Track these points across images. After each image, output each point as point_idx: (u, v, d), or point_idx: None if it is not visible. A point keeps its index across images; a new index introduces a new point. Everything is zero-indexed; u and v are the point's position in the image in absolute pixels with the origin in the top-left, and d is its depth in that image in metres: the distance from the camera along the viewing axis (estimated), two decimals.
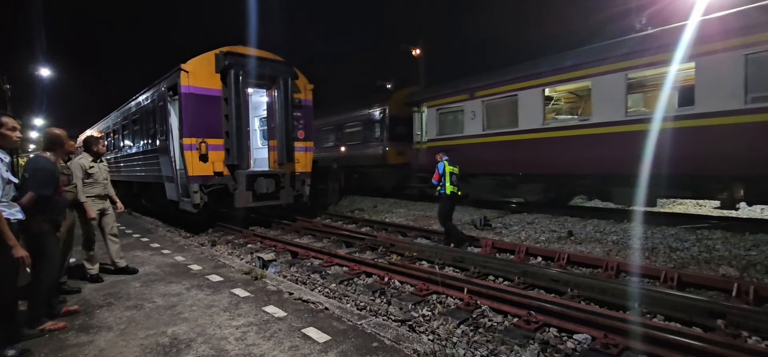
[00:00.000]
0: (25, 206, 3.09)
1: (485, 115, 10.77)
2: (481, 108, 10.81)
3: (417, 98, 13.37)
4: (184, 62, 8.50)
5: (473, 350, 3.27)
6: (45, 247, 3.38)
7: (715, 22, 7.02)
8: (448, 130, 11.96)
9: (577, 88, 9.66)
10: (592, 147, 8.45)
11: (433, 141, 12.20)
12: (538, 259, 5.86)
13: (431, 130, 12.39)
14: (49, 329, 3.33)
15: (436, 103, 12.25)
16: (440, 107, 12.16)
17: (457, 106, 11.59)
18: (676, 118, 7.36)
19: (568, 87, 9.65)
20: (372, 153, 15.01)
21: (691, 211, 9.82)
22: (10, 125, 2.97)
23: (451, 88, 11.86)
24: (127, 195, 14.06)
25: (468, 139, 11.19)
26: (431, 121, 12.40)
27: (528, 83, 9.63)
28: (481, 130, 10.81)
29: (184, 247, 6.69)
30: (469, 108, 11.13)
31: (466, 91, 11.20)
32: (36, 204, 3.25)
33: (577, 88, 9.77)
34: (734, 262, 5.30)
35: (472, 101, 11.03)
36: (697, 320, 3.61)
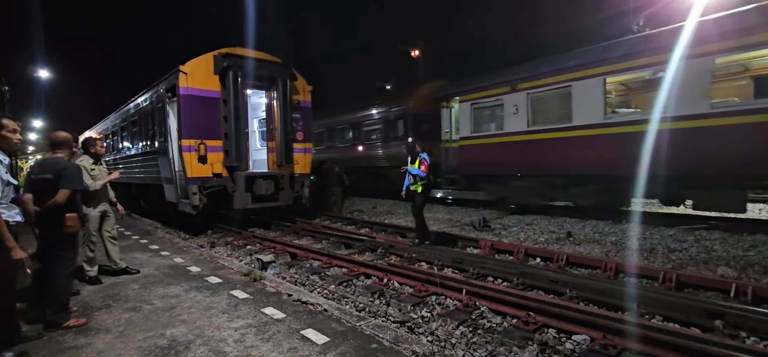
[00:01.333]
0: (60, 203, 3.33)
1: (530, 110, 9.53)
2: (525, 102, 9.58)
3: (446, 92, 12.22)
4: (183, 64, 8.50)
5: (472, 351, 3.27)
6: (74, 243, 3.55)
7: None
8: (484, 126, 10.75)
9: (647, 77, 8.21)
10: (669, 144, 7.22)
11: (466, 139, 11.05)
12: (536, 260, 5.87)
13: (464, 127, 11.13)
14: (73, 326, 3.41)
15: (471, 98, 10.97)
16: (475, 102, 10.87)
17: (495, 100, 10.33)
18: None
19: (636, 76, 8.31)
20: (394, 152, 13.77)
21: (690, 212, 9.83)
22: (10, 127, 2.98)
23: (488, 81, 10.69)
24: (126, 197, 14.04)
25: (509, 136, 9.92)
26: (464, 117, 11.15)
27: (585, 72, 8.46)
28: (525, 127, 9.57)
29: (183, 249, 6.68)
30: (510, 102, 9.88)
31: (507, 83, 9.98)
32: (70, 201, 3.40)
33: (647, 78, 8.29)
34: (732, 263, 5.31)
35: (515, 94, 9.78)
36: (695, 321, 3.61)
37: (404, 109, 13.61)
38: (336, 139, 16.91)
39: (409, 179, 6.82)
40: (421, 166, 6.64)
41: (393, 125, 14.03)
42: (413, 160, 6.79)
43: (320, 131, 17.35)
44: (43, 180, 3.44)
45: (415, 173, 6.69)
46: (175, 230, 9.64)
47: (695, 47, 6.99)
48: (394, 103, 14.24)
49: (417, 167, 6.66)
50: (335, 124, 16.99)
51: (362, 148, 15.45)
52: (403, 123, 13.56)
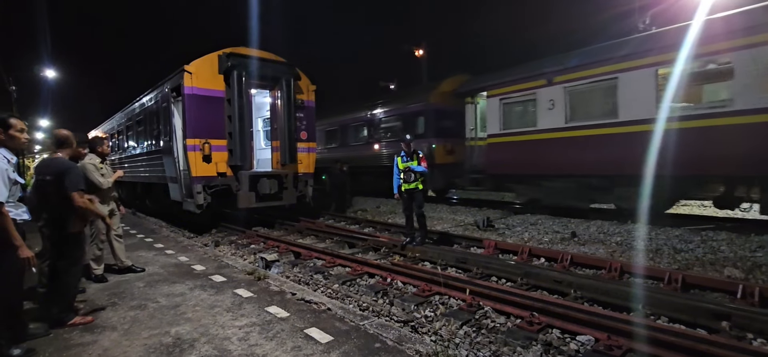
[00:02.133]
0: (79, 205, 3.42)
1: (568, 105, 8.85)
2: (562, 96, 8.88)
3: (471, 87, 11.50)
4: (188, 63, 8.54)
5: (476, 351, 3.27)
6: (81, 242, 3.59)
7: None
8: (515, 123, 10.02)
9: (708, 68, 7.38)
10: (735, 140, 6.64)
11: (495, 137, 10.33)
12: (541, 260, 5.84)
13: (493, 123, 10.42)
14: (79, 323, 3.44)
15: (500, 92, 10.21)
16: (505, 97, 10.13)
17: (528, 95, 9.60)
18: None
19: (695, 66, 7.34)
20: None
21: (696, 212, 9.76)
22: (18, 127, 3.01)
23: (520, 74, 9.92)
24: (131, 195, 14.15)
25: (543, 133, 9.25)
26: (493, 113, 10.41)
27: (635, 63, 7.75)
28: (562, 123, 8.90)
29: (188, 248, 6.72)
30: (545, 96, 9.19)
31: (542, 76, 9.26)
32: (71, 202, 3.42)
33: (707, 68, 7.43)
34: (739, 264, 5.26)
35: (550, 88, 9.07)
36: (701, 322, 3.59)
37: (425, 106, 12.79)
38: (349, 137, 16.25)
39: (410, 177, 6.64)
40: (423, 162, 6.62)
41: (412, 122, 13.18)
42: (410, 157, 6.71)
43: (333, 129, 16.96)
44: (46, 181, 3.47)
45: (420, 170, 6.59)
46: (179, 229, 9.69)
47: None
48: (414, 99, 13.55)
49: (417, 164, 6.59)
50: (349, 122, 16.27)
51: (378, 147, 14.74)
52: (424, 120, 12.78)
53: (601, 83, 8.35)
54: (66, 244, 3.48)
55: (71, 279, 3.52)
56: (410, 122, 13.29)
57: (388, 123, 14.45)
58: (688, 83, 7.64)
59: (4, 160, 2.84)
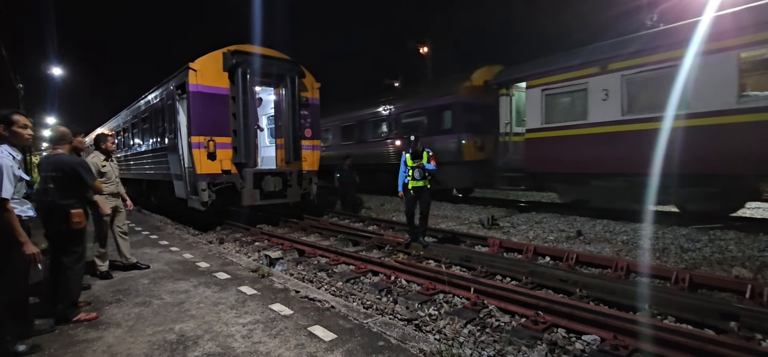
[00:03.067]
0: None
1: (625, 95, 7.95)
2: (618, 85, 7.98)
3: (506, 77, 10.59)
4: (192, 61, 8.56)
5: (480, 350, 3.25)
6: (82, 238, 3.61)
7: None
8: (560, 116, 9.10)
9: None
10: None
11: (535, 131, 9.45)
12: (546, 259, 5.80)
13: (533, 117, 9.56)
14: (83, 320, 3.47)
15: (542, 82, 9.34)
16: (548, 87, 9.23)
17: (576, 85, 8.68)
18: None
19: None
20: (440, 147, 11.71)
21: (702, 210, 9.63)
22: (22, 123, 3.01)
23: (567, 61, 9.00)
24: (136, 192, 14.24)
25: (595, 127, 8.37)
26: (533, 105, 9.55)
27: (710, 47, 6.89)
28: (617, 115, 8.04)
29: (192, 245, 6.74)
30: (597, 86, 8.29)
31: (594, 63, 8.40)
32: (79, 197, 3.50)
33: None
34: (748, 264, 5.19)
35: (604, 77, 8.18)
36: (709, 322, 3.54)
37: (453, 99, 11.82)
38: (367, 133, 15.31)
39: (420, 175, 6.45)
40: (432, 160, 6.48)
41: (438, 117, 12.27)
42: (418, 155, 6.51)
43: (348, 125, 16.29)
44: (53, 177, 3.49)
45: (430, 168, 6.44)
46: (184, 226, 9.74)
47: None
48: (440, 92, 12.55)
49: (426, 161, 6.45)
50: (367, 118, 15.34)
51: (400, 143, 13.72)
52: (451, 114, 11.83)
53: (666, 70, 7.30)
54: (69, 240, 3.50)
55: (75, 275, 3.54)
56: (435, 117, 12.38)
57: (410, 118, 13.46)
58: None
59: (9, 156, 2.85)
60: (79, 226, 3.48)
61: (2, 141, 2.91)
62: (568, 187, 9.30)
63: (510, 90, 10.52)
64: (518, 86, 10.45)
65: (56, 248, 3.55)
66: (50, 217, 3.47)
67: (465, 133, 11.51)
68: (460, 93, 11.70)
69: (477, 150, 11.57)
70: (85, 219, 3.55)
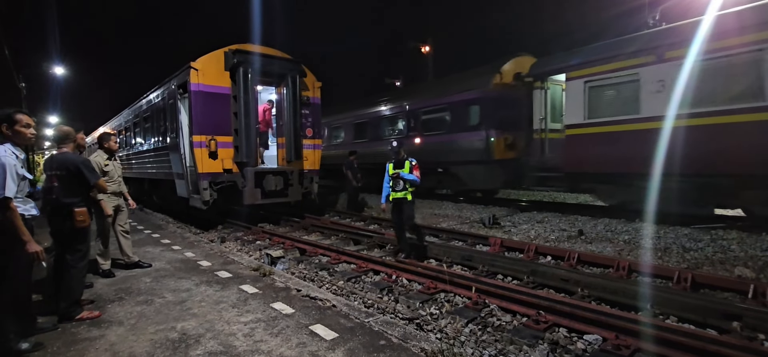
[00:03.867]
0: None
1: (687, 85, 7.10)
2: (676, 75, 7.15)
3: (542, 69, 9.71)
4: (194, 60, 8.57)
5: (481, 350, 3.24)
6: (85, 236, 3.61)
7: None
8: (605, 110, 8.26)
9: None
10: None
11: (577, 127, 8.65)
12: (547, 258, 5.80)
13: (574, 111, 8.73)
14: (86, 318, 3.48)
15: (585, 73, 8.53)
16: (592, 78, 8.43)
17: (626, 76, 7.86)
18: None
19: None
20: (465, 145, 11.21)
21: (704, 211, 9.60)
22: (25, 122, 3.03)
23: (614, 50, 8.17)
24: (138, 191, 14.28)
25: (649, 122, 7.50)
26: (574, 98, 8.72)
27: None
28: (676, 109, 7.21)
29: (194, 244, 6.76)
30: (651, 76, 7.45)
31: (648, 51, 7.56)
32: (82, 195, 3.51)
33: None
34: (750, 263, 5.17)
35: (659, 66, 7.36)
36: (711, 322, 3.53)
37: (481, 93, 10.85)
38: (383, 131, 14.45)
39: (398, 186, 5.90)
40: (415, 171, 5.82)
41: (464, 112, 11.31)
42: (399, 164, 5.89)
43: (361, 123, 15.47)
44: (57, 176, 3.53)
45: (411, 179, 5.81)
46: (186, 225, 9.76)
47: None
48: (465, 85, 11.53)
49: (408, 171, 5.83)
50: (383, 115, 14.51)
51: (420, 141, 12.91)
52: (479, 109, 10.89)
53: (737, 57, 6.55)
54: (73, 238, 3.51)
55: (78, 273, 3.55)
56: (460, 113, 11.41)
57: (431, 114, 12.55)
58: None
59: (13, 155, 2.87)
60: (82, 225, 3.49)
61: (5, 140, 2.92)
62: (612, 188, 8.41)
63: (544, 83, 9.64)
64: (554, 79, 9.64)
65: (60, 246, 3.57)
66: (54, 215, 3.49)
67: (494, 130, 10.54)
68: (489, 86, 10.67)
69: (507, 148, 10.60)
70: (88, 217, 3.56)
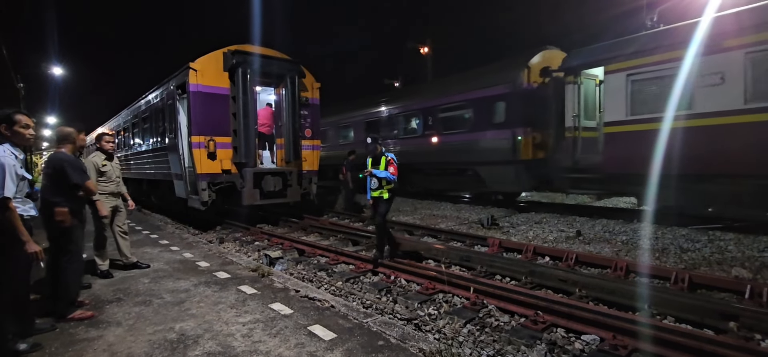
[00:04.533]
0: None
1: (750, 77, 6.39)
2: (740, 65, 6.44)
3: (577, 62, 9.01)
4: (193, 61, 8.57)
5: (479, 350, 3.25)
6: (74, 237, 3.57)
7: None
8: (651, 106, 7.54)
9: None
10: None
11: (618, 125, 8.00)
12: (545, 259, 5.81)
13: (614, 107, 8.08)
14: (78, 318, 3.46)
15: (627, 66, 7.86)
16: (636, 71, 7.74)
17: (675, 67, 7.13)
18: None
19: None
20: (489, 145, 10.51)
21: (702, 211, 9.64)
22: (24, 123, 3.03)
23: (661, 40, 7.47)
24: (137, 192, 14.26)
25: (705, 119, 6.88)
26: (615, 93, 8.08)
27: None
28: (739, 103, 6.52)
29: (193, 244, 6.75)
30: (708, 67, 6.80)
31: (702, 41, 6.85)
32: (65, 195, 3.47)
33: None
34: (747, 264, 5.20)
35: (718, 56, 6.69)
36: (708, 322, 3.55)
37: (508, 88, 10.09)
38: (398, 130, 13.65)
39: (373, 184, 5.67)
40: (390, 167, 5.54)
41: (488, 109, 10.57)
42: (376, 161, 5.67)
43: (372, 121, 14.73)
44: (47, 174, 3.59)
45: (384, 176, 5.53)
46: (184, 226, 9.75)
47: None
48: (489, 80, 10.77)
49: (383, 169, 5.56)
50: (396, 113, 13.75)
51: (437, 140, 12.10)
52: (506, 106, 10.16)
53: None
54: (61, 237, 3.50)
55: (70, 274, 3.53)
56: (484, 109, 10.70)
57: (451, 112, 11.79)
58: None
59: (12, 155, 2.87)
60: (63, 224, 3.45)
61: (4, 140, 2.92)
62: (657, 191, 7.64)
63: (578, 77, 8.94)
64: (588, 73, 9.01)
65: (54, 246, 3.57)
66: (42, 214, 3.49)
67: (521, 128, 9.78)
68: (516, 82, 9.92)
69: (535, 147, 9.88)
70: (69, 218, 3.49)
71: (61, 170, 3.51)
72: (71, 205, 3.53)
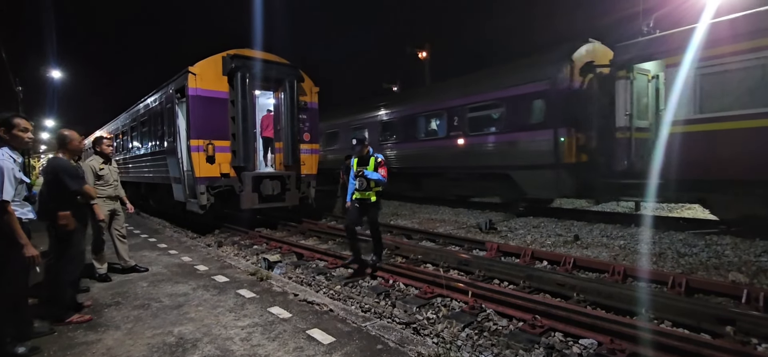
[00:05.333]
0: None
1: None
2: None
3: (631, 54, 8.10)
4: (192, 65, 8.60)
5: (478, 354, 3.26)
6: (73, 240, 3.57)
7: None
8: (726, 102, 6.74)
9: None
10: None
11: (685, 124, 7.15)
12: (543, 263, 5.82)
13: (683, 104, 7.20)
14: (75, 322, 3.46)
15: (697, 58, 7.00)
16: (708, 64, 6.88)
17: (760, 57, 6.35)
18: None
19: None
20: (526, 147, 9.65)
21: (700, 215, 9.70)
22: (22, 126, 3.04)
23: (739, 27, 6.61)
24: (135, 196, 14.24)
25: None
26: (680, 89, 7.18)
27: None
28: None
29: (191, 248, 6.74)
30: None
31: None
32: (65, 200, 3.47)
33: None
34: (744, 268, 5.22)
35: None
36: (705, 326, 3.56)
37: (547, 85, 9.20)
38: (419, 130, 12.81)
39: (361, 185, 5.36)
40: (381, 168, 5.28)
41: (525, 108, 9.69)
42: (364, 161, 5.40)
43: (390, 121, 13.99)
44: (46, 180, 3.61)
45: (376, 178, 5.26)
46: (183, 229, 9.73)
47: None
48: (526, 76, 9.85)
49: (373, 170, 5.30)
50: (419, 112, 12.86)
51: (464, 142, 11.19)
52: (545, 104, 9.28)
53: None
54: (60, 241, 3.51)
55: (67, 277, 3.53)
56: (520, 108, 9.80)
57: (480, 111, 10.92)
58: None
59: (10, 159, 2.87)
60: (66, 228, 3.46)
61: (3, 144, 2.93)
62: (735, 200, 6.92)
63: (631, 72, 8.11)
64: (640, 68, 8.24)
65: (54, 250, 3.57)
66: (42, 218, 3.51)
67: (564, 128, 8.88)
68: (558, 77, 9.03)
69: (579, 150, 9.00)
70: (72, 221, 3.50)
71: (57, 178, 3.52)
72: (72, 209, 3.54)
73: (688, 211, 10.41)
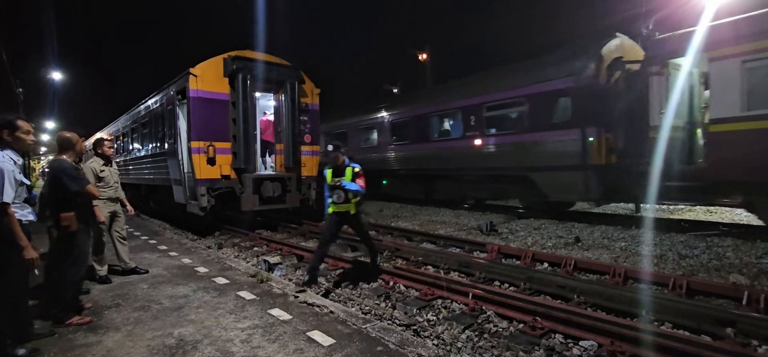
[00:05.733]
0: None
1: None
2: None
3: (666, 48, 7.66)
4: (193, 66, 8.61)
5: (478, 355, 3.26)
6: (75, 242, 3.58)
7: None
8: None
9: None
10: None
11: (730, 122, 6.71)
12: (544, 265, 5.82)
13: (723, 101, 6.79)
14: (76, 323, 3.46)
15: (741, 51, 6.56)
16: (753, 56, 6.45)
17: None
18: None
19: None
20: (551, 147, 9.13)
21: (702, 217, 9.69)
22: (24, 128, 3.05)
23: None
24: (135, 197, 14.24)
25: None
26: (723, 84, 6.78)
27: None
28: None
29: (191, 250, 6.75)
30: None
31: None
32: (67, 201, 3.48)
33: None
34: (745, 270, 5.22)
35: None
36: (706, 328, 3.56)
37: (573, 81, 8.67)
38: (431, 130, 12.37)
39: (340, 198, 4.99)
40: (359, 179, 4.97)
41: (549, 106, 9.16)
42: (339, 172, 5.05)
43: (400, 121, 13.49)
44: (47, 182, 3.64)
45: (355, 189, 4.93)
46: (183, 231, 9.73)
47: None
48: (551, 72, 9.26)
49: (350, 180, 4.97)
50: (431, 112, 12.37)
51: (481, 143, 10.70)
52: (572, 102, 8.74)
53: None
54: (62, 243, 3.51)
55: (69, 278, 3.53)
56: (544, 106, 9.25)
57: (499, 109, 10.41)
58: None
59: (11, 161, 2.88)
60: (68, 229, 3.46)
61: (5, 146, 2.93)
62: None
63: (665, 68, 7.65)
64: (675, 63, 7.69)
65: (55, 251, 3.58)
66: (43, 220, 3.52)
67: (593, 127, 8.35)
68: (585, 73, 8.55)
69: (609, 151, 8.46)
70: (75, 223, 3.50)
71: (58, 180, 3.52)
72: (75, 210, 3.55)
73: (690, 212, 10.40)
